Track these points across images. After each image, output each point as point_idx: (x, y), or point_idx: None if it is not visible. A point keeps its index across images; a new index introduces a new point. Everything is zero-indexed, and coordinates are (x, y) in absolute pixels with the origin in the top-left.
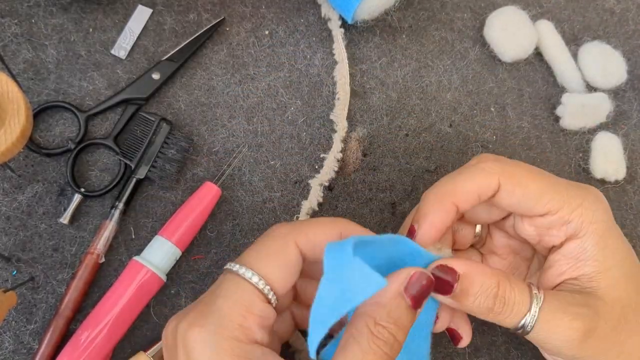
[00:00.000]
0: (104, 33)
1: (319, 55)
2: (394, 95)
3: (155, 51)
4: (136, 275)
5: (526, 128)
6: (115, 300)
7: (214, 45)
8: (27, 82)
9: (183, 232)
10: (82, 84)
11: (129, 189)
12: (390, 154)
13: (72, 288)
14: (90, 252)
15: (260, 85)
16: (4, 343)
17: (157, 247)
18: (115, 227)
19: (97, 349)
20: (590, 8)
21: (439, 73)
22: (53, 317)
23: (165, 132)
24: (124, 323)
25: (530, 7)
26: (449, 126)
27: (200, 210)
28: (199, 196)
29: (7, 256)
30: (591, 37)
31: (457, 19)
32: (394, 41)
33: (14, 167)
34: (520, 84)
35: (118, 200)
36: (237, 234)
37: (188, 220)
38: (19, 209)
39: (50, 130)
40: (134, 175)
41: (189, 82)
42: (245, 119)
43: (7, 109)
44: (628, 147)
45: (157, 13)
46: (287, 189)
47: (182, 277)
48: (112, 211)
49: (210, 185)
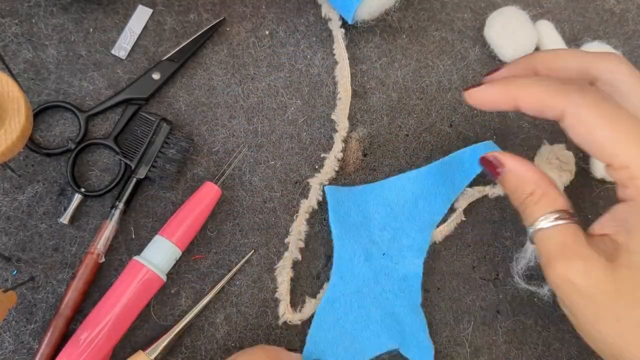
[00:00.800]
0: (104, 33)
1: (319, 55)
2: (394, 95)
3: (156, 51)
4: (136, 274)
5: (526, 128)
6: (115, 300)
7: (214, 46)
8: (28, 82)
9: (183, 232)
10: (82, 84)
11: (129, 189)
12: (390, 154)
13: (72, 288)
14: (91, 252)
15: (260, 85)
16: (4, 343)
17: (157, 246)
18: (115, 227)
19: (97, 348)
20: (591, 8)
21: (439, 73)
22: (53, 316)
23: (165, 132)
24: (124, 323)
25: (530, 7)
26: (449, 126)
27: (201, 210)
28: (199, 196)
29: (7, 256)
30: (591, 38)
31: (457, 19)
32: (394, 41)
33: (14, 167)
34: None
35: (118, 200)
36: (238, 234)
37: (188, 220)
38: (19, 209)
39: (50, 130)
40: (134, 175)
41: (189, 82)
42: (245, 119)
43: (7, 109)
44: None
45: (158, 13)
46: (287, 189)
47: (183, 277)
48: (113, 211)
49: (210, 185)
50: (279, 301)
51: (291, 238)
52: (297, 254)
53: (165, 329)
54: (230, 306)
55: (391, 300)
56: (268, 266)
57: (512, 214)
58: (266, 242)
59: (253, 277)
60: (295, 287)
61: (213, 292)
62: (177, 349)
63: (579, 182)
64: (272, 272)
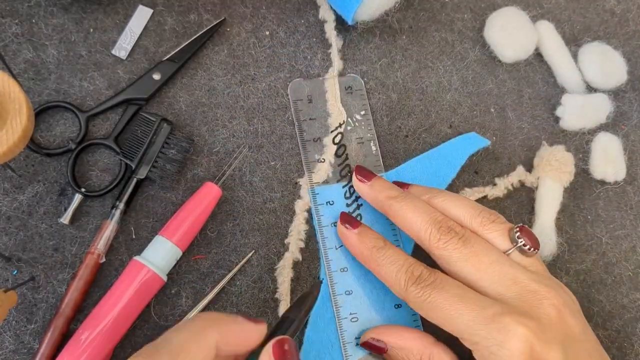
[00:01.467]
0: (104, 33)
1: (319, 55)
2: (394, 96)
3: (156, 51)
4: (137, 274)
5: (526, 129)
6: (115, 300)
7: (214, 46)
8: (28, 82)
9: (184, 232)
10: (82, 84)
11: (129, 189)
12: (390, 154)
13: (73, 288)
14: (91, 252)
15: (260, 86)
16: (4, 343)
17: (157, 247)
18: (115, 227)
19: (98, 348)
20: (591, 9)
21: (439, 74)
22: (53, 316)
23: (166, 133)
24: (124, 323)
25: (530, 7)
26: (449, 127)
27: (201, 210)
28: (199, 196)
29: (7, 256)
30: (591, 38)
31: (457, 19)
32: (394, 42)
33: (15, 167)
34: (520, 84)
35: (119, 200)
36: (238, 234)
37: (189, 220)
38: (20, 209)
39: (50, 131)
40: (134, 175)
41: (189, 82)
42: (245, 119)
43: (8, 109)
44: (628, 148)
45: (158, 13)
46: (287, 190)
47: (183, 277)
48: (113, 211)
49: (210, 185)
50: (279, 301)
51: (291, 238)
52: (297, 255)
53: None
54: (230, 306)
55: (381, 297)
56: (268, 266)
57: (511, 214)
58: (266, 242)
59: (253, 278)
60: (296, 287)
61: (213, 292)
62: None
63: (578, 183)
64: (273, 273)
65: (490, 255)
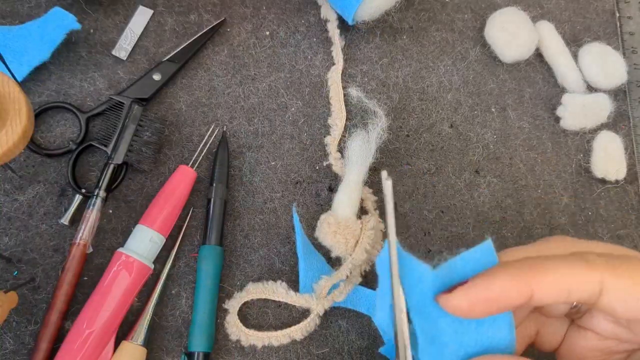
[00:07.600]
0: (104, 34)
1: (319, 56)
2: (395, 96)
3: (156, 52)
4: (123, 265)
5: (527, 129)
6: (105, 293)
7: (214, 46)
8: (28, 82)
9: (164, 218)
10: (83, 85)
11: (107, 176)
12: (390, 154)
13: (64, 281)
14: (75, 242)
15: (260, 86)
16: (4, 343)
17: (140, 235)
18: (98, 215)
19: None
20: (591, 9)
21: (440, 74)
22: (46, 311)
23: (138, 115)
24: (116, 314)
25: (530, 8)
26: (450, 127)
27: (178, 194)
28: (175, 181)
29: (8, 257)
30: (591, 38)
31: (458, 19)
32: (394, 42)
33: (15, 168)
34: (521, 84)
35: (98, 188)
36: (238, 234)
37: (168, 206)
38: (20, 210)
39: (51, 131)
40: (110, 161)
41: (189, 82)
42: (246, 119)
43: (8, 110)
44: (629, 147)
45: (158, 14)
46: (287, 190)
47: (183, 277)
48: (93, 199)
49: (184, 168)
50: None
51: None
52: None
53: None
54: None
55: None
56: (268, 266)
57: (512, 214)
58: (267, 242)
59: (253, 278)
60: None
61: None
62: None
63: (579, 182)
64: (273, 273)
65: None
